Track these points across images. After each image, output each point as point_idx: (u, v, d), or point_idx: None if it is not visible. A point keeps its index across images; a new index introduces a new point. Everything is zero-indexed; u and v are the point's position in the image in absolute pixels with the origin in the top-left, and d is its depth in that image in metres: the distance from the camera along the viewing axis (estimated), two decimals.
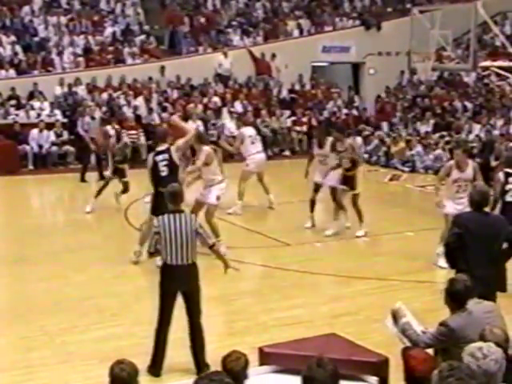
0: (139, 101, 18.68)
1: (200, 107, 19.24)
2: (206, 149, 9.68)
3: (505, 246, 5.90)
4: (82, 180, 15.26)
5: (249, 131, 12.52)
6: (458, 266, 5.73)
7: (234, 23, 22.25)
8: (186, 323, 6.21)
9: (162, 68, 19.68)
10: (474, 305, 4.65)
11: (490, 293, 5.75)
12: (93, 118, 15.97)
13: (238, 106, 19.72)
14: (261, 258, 9.78)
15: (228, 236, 10.60)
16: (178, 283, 6.12)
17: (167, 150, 8.73)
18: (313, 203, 11.05)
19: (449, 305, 4.73)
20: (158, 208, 8.01)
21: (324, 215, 11.50)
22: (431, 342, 4.68)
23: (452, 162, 9.04)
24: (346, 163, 10.37)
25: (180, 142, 8.87)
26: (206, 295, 6.32)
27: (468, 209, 7.61)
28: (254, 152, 12.27)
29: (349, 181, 10.49)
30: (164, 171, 8.64)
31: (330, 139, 10.92)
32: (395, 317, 4.90)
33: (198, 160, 9.65)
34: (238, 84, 20.72)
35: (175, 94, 19.57)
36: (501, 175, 8.60)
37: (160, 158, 8.69)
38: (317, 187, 11.00)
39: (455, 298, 4.67)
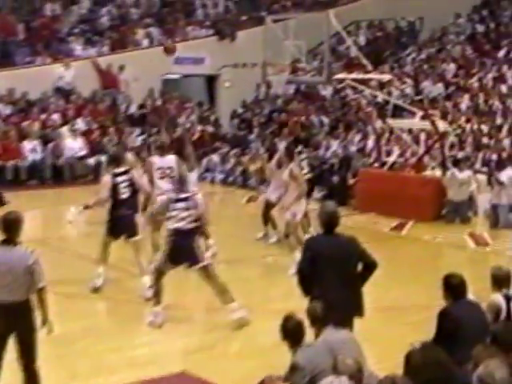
0: None
1: (37, 125, 18.72)
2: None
3: (360, 267, 6.14)
4: None
5: None
6: (312, 293, 5.91)
7: (76, 31, 21.85)
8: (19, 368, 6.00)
9: None
10: (330, 334, 4.83)
11: (347, 318, 6.00)
12: None
13: (82, 124, 19.37)
14: (107, 290, 9.60)
15: (70, 268, 10.39)
16: (6, 323, 5.88)
17: (128, 172, 9.35)
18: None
19: (286, 342, 4.89)
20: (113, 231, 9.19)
21: None
22: None
23: None
24: None
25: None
26: (43, 335, 6.13)
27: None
28: None
29: None
30: (125, 193, 9.24)
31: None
32: None
33: None
34: (81, 99, 20.35)
35: (8, 110, 18.90)
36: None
37: (120, 179, 9.21)
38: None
39: (289, 335, 4.83)
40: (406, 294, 9.44)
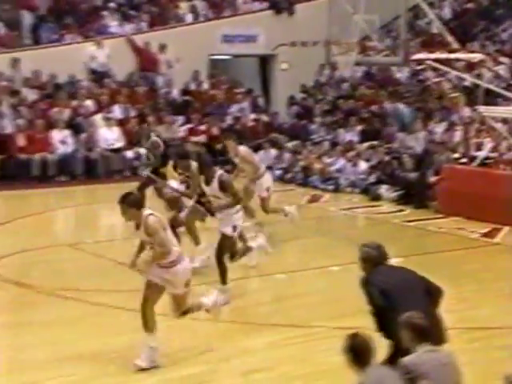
0: None
1: (67, 112, 19.03)
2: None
3: None
4: None
5: None
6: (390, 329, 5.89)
7: (111, 5, 22.15)
8: None
9: (15, 61, 19.30)
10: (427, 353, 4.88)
11: None
12: None
13: (117, 111, 19.65)
14: None
15: (107, 276, 10.49)
16: None
17: None
18: None
19: (352, 365, 4.94)
20: None
21: None
22: None
23: None
24: None
25: None
26: None
27: None
28: None
29: None
30: None
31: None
32: None
33: None
34: (116, 82, 20.64)
35: (33, 95, 19.27)
36: None
37: None
38: None
39: (357, 355, 4.88)
40: (500, 312, 9.32)
